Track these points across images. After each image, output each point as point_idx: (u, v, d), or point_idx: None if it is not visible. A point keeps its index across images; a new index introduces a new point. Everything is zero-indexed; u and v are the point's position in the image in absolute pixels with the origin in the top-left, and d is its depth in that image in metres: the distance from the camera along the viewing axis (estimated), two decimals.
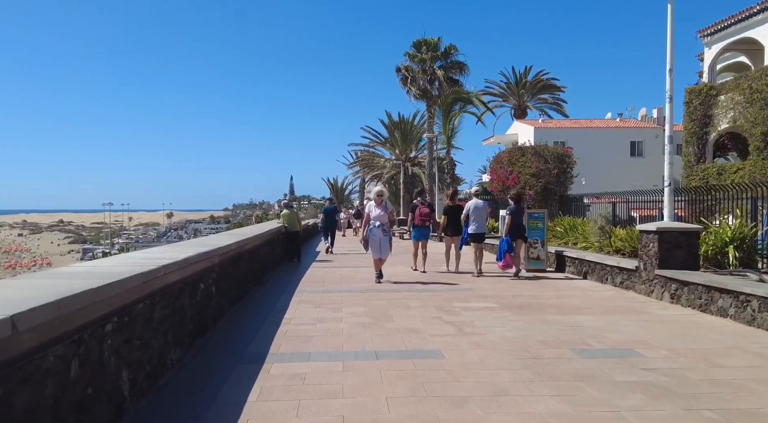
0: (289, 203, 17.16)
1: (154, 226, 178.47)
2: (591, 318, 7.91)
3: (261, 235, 12.05)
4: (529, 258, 13.41)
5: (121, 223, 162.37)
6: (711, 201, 15.47)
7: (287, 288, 10.98)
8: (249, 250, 10.53)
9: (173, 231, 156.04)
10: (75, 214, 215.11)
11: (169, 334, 5.51)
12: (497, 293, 10.18)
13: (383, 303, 9.16)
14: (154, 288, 5.08)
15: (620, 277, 10.66)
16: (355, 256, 18.39)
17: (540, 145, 21.19)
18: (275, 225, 16.61)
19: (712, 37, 23.86)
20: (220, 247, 7.74)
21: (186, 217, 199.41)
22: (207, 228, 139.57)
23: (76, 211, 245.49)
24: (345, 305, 9.00)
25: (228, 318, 7.97)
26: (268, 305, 9.09)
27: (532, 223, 13.43)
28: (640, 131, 43.39)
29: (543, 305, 8.90)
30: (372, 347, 6.27)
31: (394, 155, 50.45)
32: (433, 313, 8.30)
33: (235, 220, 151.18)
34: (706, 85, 23.44)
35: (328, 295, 9.99)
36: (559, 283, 11.67)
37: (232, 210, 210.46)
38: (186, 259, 5.96)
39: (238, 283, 9.25)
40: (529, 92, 51.65)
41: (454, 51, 39.57)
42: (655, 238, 9.46)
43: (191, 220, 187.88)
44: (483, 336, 6.78)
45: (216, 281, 7.71)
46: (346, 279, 12.40)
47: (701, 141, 23.84)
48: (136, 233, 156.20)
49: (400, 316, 8.02)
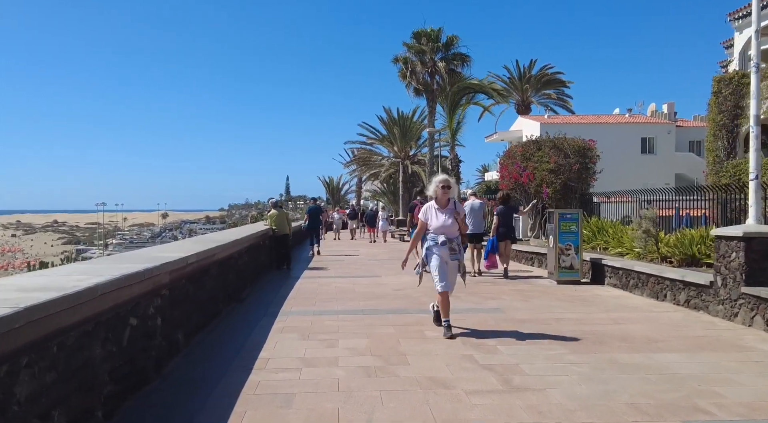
0: (278, 202, 15.01)
1: (149, 226, 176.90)
2: (678, 358, 5.78)
3: (239, 241, 9.89)
4: (560, 267, 11.29)
5: (115, 224, 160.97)
6: (744, 200, 13.71)
7: (270, 307, 8.84)
8: (220, 261, 8.39)
9: (168, 231, 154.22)
10: (69, 215, 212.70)
11: (56, 417, 3.38)
12: (534, 316, 8.05)
13: (392, 332, 7.02)
14: (18, 344, 2.97)
15: (685, 294, 8.55)
16: (352, 263, 16.26)
17: (559, 138, 19.07)
18: (261, 227, 14.46)
19: (743, 21, 21.78)
20: (168, 263, 5.59)
21: (181, 218, 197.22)
22: (202, 228, 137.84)
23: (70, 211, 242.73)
24: (342, 335, 6.87)
25: (180, 360, 5.81)
26: (241, 335, 6.94)
27: (564, 225, 11.32)
28: (651, 127, 41.31)
29: (602, 335, 6.77)
30: (384, 419, 4.15)
31: (393, 153, 48.25)
32: (461, 348, 6.17)
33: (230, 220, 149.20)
34: (738, 73, 21.33)
35: (321, 319, 7.85)
36: (604, 299, 9.55)
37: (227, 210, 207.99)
38: (91, 288, 3.82)
39: (201, 307, 7.10)
40: (533, 87, 49.52)
41: (456, 42, 37.44)
42: (740, 247, 7.35)
43: (186, 220, 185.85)
44: (543, 394, 4.65)
45: (163, 309, 5.57)
46: (343, 294, 10.25)
47: (731, 134, 21.75)
48: (130, 234, 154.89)
49: (416, 355, 5.89)
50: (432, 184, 7.07)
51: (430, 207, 7.00)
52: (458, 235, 6.94)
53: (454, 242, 6.85)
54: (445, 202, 6.96)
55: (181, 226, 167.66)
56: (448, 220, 6.83)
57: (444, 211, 6.90)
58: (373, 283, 11.75)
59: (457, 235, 6.91)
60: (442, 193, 6.93)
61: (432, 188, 7.08)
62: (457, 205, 7.04)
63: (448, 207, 6.93)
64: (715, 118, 22.19)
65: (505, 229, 12.60)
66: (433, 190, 7.06)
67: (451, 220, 6.84)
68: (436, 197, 6.99)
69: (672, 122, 41.41)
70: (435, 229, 6.87)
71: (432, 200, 7.08)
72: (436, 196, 6.98)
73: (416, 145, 47.94)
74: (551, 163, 18.08)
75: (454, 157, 32.33)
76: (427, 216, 6.96)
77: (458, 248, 6.93)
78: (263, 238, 13.56)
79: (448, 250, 6.80)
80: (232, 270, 9.36)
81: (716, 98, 22.01)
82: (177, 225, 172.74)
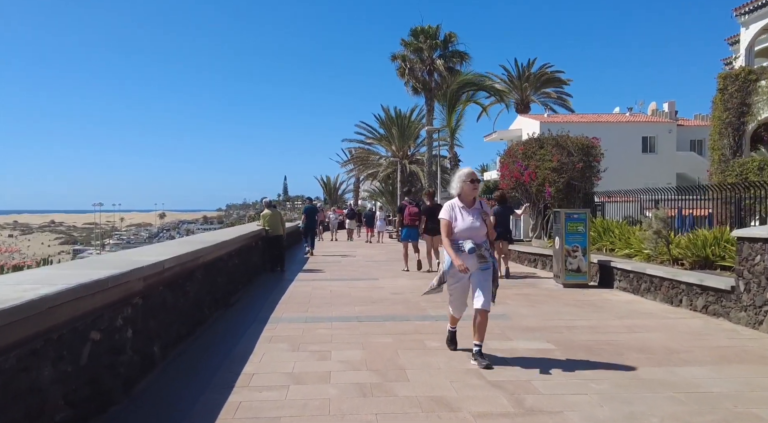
0: (272, 202, 14.43)
1: (147, 226, 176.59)
2: (705, 373, 5.23)
3: (228, 243, 9.32)
4: (567, 270, 10.74)
5: (113, 224, 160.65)
6: (751, 199, 13.26)
7: (260, 313, 8.28)
8: (207, 264, 7.82)
9: (166, 231, 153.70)
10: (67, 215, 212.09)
11: None
12: (543, 323, 7.48)
13: (389, 342, 6.46)
14: None
15: (703, 299, 8.00)
16: (348, 265, 15.70)
17: (562, 135, 18.50)
18: (253, 228, 13.89)
19: (749, 16, 21.27)
20: (140, 268, 5.03)
21: (179, 218, 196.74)
22: (200, 228, 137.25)
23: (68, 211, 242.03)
24: (335, 345, 6.31)
25: (155, 376, 5.24)
26: (226, 345, 6.38)
27: (570, 226, 10.77)
28: (652, 126, 40.82)
29: (619, 346, 6.22)
30: None
31: (391, 152, 47.64)
32: (465, 361, 5.61)
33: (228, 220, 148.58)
34: (744, 70, 20.79)
35: (313, 327, 7.28)
36: (615, 304, 9.00)
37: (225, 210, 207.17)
38: (37, 300, 3.26)
39: (182, 315, 6.53)
40: (532, 86, 48.99)
41: (454, 39, 36.88)
42: (765, 249, 6.80)
43: (184, 220, 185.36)
44: (560, 418, 4.09)
45: (135, 320, 5.01)
46: (338, 298, 9.69)
47: (737, 132, 21.21)
48: (127, 234, 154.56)
49: (416, 369, 5.33)
50: (456, 180, 5.91)
51: (454, 206, 5.82)
52: (486, 238, 5.78)
53: (482, 247, 5.66)
54: (471, 201, 5.83)
55: (179, 226, 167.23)
56: (476, 222, 5.70)
57: (471, 211, 5.76)
58: (370, 286, 11.20)
59: (485, 239, 5.76)
60: (471, 190, 5.81)
61: (456, 184, 5.91)
62: (484, 204, 5.92)
63: (474, 206, 5.81)
64: (720, 115, 21.64)
65: (501, 229, 12.42)
66: (458, 186, 5.88)
67: (480, 222, 5.71)
68: (460, 194, 5.86)
69: (673, 121, 40.93)
70: (460, 231, 5.68)
71: (455, 198, 5.91)
72: (462, 192, 5.84)
73: (414, 145, 47.39)
74: (554, 162, 17.52)
75: (453, 156, 31.76)
76: (451, 216, 5.75)
77: (489, 255, 5.74)
78: (256, 239, 13.00)
79: (476, 258, 5.57)
80: (220, 273, 8.79)
81: (722, 95, 21.46)
82: (174, 225, 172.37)
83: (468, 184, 5.82)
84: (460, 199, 5.85)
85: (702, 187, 15.18)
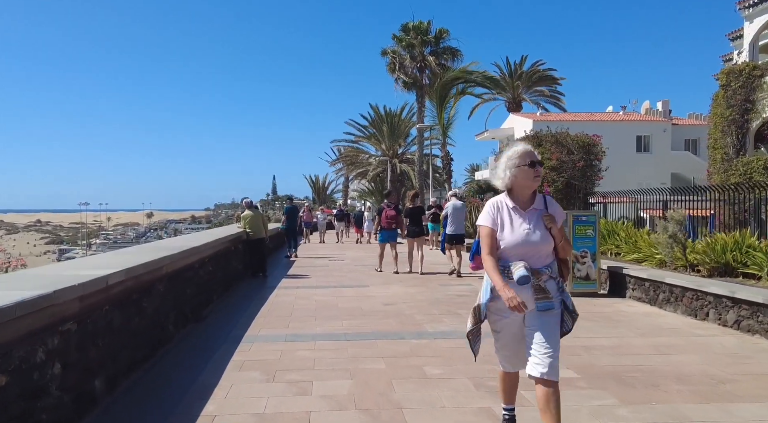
0: (253, 203, 13.41)
1: (134, 226, 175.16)
2: (764, 412, 4.32)
3: (200, 249, 8.31)
4: (575, 277, 9.83)
5: (99, 224, 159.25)
6: (757, 200, 12.56)
7: (234, 329, 7.28)
8: (171, 275, 6.82)
9: (153, 231, 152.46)
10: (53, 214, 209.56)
11: None
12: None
13: (382, 368, 5.49)
14: None
15: (734, 313, 7.09)
16: (336, 269, 14.72)
17: (561, 132, 17.62)
18: (233, 230, 12.87)
19: (753, 9, 20.50)
20: (71, 287, 4.04)
21: (166, 217, 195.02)
22: (188, 228, 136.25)
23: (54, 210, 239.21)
24: (318, 373, 5.33)
25: (96, 419, 4.25)
26: (189, 374, 5.39)
27: (578, 229, 9.85)
28: (646, 125, 40.16)
29: (652, 373, 5.28)
30: None
31: (381, 151, 46.66)
32: (473, 395, 4.67)
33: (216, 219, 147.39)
34: (748, 65, 20.00)
35: (293, 348, 6.30)
36: (632, 316, 8.07)
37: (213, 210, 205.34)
38: None
39: (137, 337, 5.52)
40: (524, 84, 48.11)
41: (445, 35, 36.02)
42: None
43: (172, 220, 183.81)
44: None
45: (67, 351, 4.02)
46: (324, 310, 8.70)
47: (741, 130, 20.45)
48: (114, 234, 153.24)
49: (416, 408, 4.37)
50: (502, 163, 3.60)
51: (501, 205, 3.62)
52: (553, 260, 3.57)
53: (544, 276, 3.47)
54: (529, 198, 3.60)
55: (167, 225, 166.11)
56: (535, 233, 3.48)
57: (527, 214, 3.55)
58: (360, 295, 10.24)
59: (550, 261, 3.55)
60: (529, 179, 3.51)
61: (503, 170, 3.58)
62: (551, 202, 3.68)
63: (533, 206, 3.58)
64: (723, 113, 20.85)
65: None
66: (506, 174, 3.56)
67: (541, 232, 3.49)
68: (510, 188, 3.60)
69: (667, 120, 40.30)
70: (509, 247, 3.49)
71: (502, 194, 3.67)
72: (513, 184, 3.56)
73: (405, 143, 46.45)
74: (553, 160, 16.61)
75: (446, 155, 30.85)
76: (495, 222, 3.57)
77: (553, 288, 3.52)
78: (235, 243, 11.99)
79: (532, 291, 3.44)
80: (189, 283, 7.79)
81: (725, 92, 20.68)
82: (162, 225, 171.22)
83: (524, 170, 3.49)
84: (509, 196, 3.62)
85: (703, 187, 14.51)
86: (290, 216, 18.35)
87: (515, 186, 3.57)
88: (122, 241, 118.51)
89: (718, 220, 13.39)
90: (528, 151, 3.55)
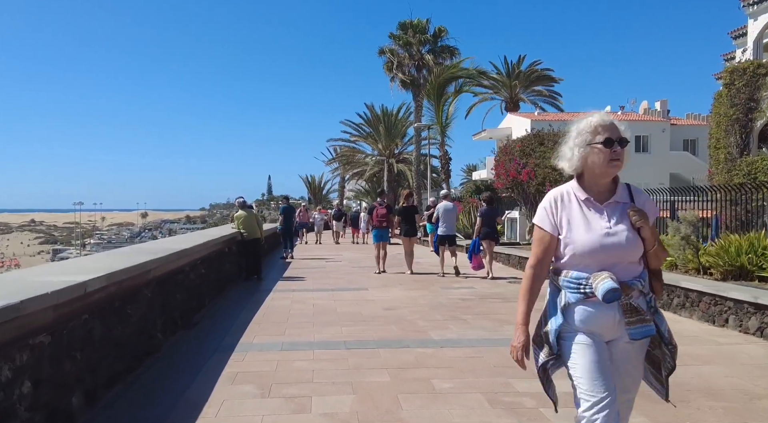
0: (246, 202, 12.98)
1: (128, 226, 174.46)
2: None
3: (190, 251, 7.87)
4: None
5: (94, 223, 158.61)
6: (762, 200, 12.30)
7: (226, 337, 6.85)
8: (160, 279, 6.39)
9: (148, 231, 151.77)
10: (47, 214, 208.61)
11: None
12: None
13: (386, 381, 5.07)
14: None
15: (757, 319, 6.70)
16: (333, 271, 14.30)
17: (564, 131, 17.25)
18: (228, 231, 12.42)
19: (759, 6, 20.16)
20: (46, 294, 3.61)
21: (161, 217, 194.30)
22: (183, 228, 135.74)
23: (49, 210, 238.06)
24: (317, 387, 4.91)
25: None
26: (177, 386, 4.95)
27: None
28: (645, 125, 39.85)
29: (681, 387, 4.82)
30: None
31: (377, 151, 46.25)
32: (490, 415, 4.24)
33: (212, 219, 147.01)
34: (753, 63, 19.67)
35: (290, 358, 5.87)
36: None
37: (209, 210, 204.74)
38: None
39: (121, 346, 5.07)
40: (522, 84, 47.73)
41: (444, 34, 35.74)
42: None
43: (167, 219, 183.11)
44: None
45: (39, 366, 3.59)
46: (322, 315, 8.28)
47: (745, 129, 20.08)
48: (109, 233, 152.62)
49: None
50: (570, 138, 2.69)
51: (566, 197, 2.69)
52: (643, 269, 2.63)
53: (634, 291, 2.54)
54: (607, 187, 2.66)
55: (161, 225, 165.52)
56: (618, 234, 2.55)
57: (606, 208, 2.61)
58: (359, 298, 9.82)
59: (640, 271, 2.61)
60: (607, 160, 2.55)
61: (571, 149, 2.67)
62: (637, 192, 2.72)
63: (614, 199, 2.63)
64: (726, 112, 20.48)
65: (487, 230, 12.52)
66: (575, 154, 2.64)
67: (626, 234, 2.56)
68: (580, 174, 2.69)
69: (666, 120, 40.00)
70: (584, 252, 2.56)
71: (570, 182, 2.74)
72: (585, 166, 2.64)
73: (402, 143, 46.06)
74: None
75: (444, 154, 30.46)
76: (556, 222, 2.66)
77: (647, 306, 2.58)
78: (229, 244, 11.55)
79: (619, 312, 2.52)
80: (180, 287, 7.35)
81: (728, 90, 20.30)
82: (157, 225, 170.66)
83: (598, 150, 2.55)
84: (579, 184, 2.68)
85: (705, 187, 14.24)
86: (287, 216, 17.93)
87: (587, 171, 2.63)
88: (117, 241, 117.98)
89: (722, 220, 13.11)
90: (605, 124, 2.58)
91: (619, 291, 2.42)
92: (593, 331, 2.53)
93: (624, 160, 2.56)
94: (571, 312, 2.56)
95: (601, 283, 2.44)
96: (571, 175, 2.75)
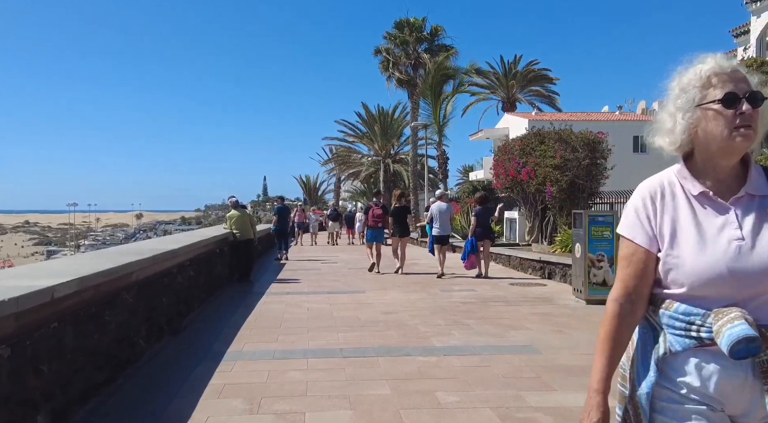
0: (239, 202, 12.56)
1: (123, 227, 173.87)
2: None
3: (178, 252, 7.44)
4: (590, 283, 9.04)
5: (88, 225, 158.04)
6: None
7: (215, 344, 6.43)
8: (142, 282, 5.96)
9: (142, 232, 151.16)
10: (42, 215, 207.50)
11: None
12: (584, 361, 5.62)
13: (387, 394, 4.66)
14: None
15: None
16: (329, 273, 13.90)
17: (565, 130, 16.92)
18: (219, 231, 12.00)
19: (761, 3, 19.87)
20: (3, 302, 3.19)
21: (156, 218, 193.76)
22: (178, 229, 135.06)
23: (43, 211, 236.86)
24: (312, 401, 4.49)
25: None
26: (158, 399, 4.53)
27: (595, 231, 9.06)
28: (643, 125, 38.56)
29: None
30: None
31: (373, 151, 45.81)
32: None
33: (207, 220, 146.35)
34: (756, 61, 19.37)
35: (283, 367, 5.45)
36: None
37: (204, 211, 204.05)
38: None
39: (98, 356, 4.64)
40: (519, 83, 47.36)
41: (440, 32, 35.46)
42: None
43: (161, 220, 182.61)
44: None
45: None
46: (317, 320, 7.86)
47: None
48: (103, 234, 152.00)
49: None
50: (670, 99, 1.65)
51: (667, 192, 1.69)
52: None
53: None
54: (733, 171, 1.62)
55: (156, 226, 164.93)
56: (758, 247, 1.51)
57: (732, 207, 1.58)
58: (356, 301, 9.41)
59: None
60: (730, 127, 1.52)
61: (673, 115, 1.64)
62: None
63: (745, 190, 1.58)
64: None
65: (482, 230, 12.60)
66: (679, 122, 1.61)
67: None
68: (688, 154, 1.69)
69: None
70: (700, 280, 1.53)
71: (675, 166, 1.72)
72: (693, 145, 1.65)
73: (398, 143, 45.60)
74: (557, 158, 15.88)
75: (442, 154, 30.11)
76: (652, 232, 1.64)
77: None
78: (220, 245, 11.13)
79: (757, 372, 1.50)
80: (166, 291, 6.93)
81: None
82: (152, 226, 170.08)
83: (717, 113, 1.54)
84: (688, 170, 1.68)
85: None
86: (281, 216, 17.56)
87: (698, 149, 1.66)
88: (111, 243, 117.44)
89: None
90: (724, 71, 1.58)
91: (758, 341, 1.45)
92: (709, 400, 1.56)
93: (760, 128, 1.56)
94: (674, 367, 1.59)
95: (728, 326, 1.46)
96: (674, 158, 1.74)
